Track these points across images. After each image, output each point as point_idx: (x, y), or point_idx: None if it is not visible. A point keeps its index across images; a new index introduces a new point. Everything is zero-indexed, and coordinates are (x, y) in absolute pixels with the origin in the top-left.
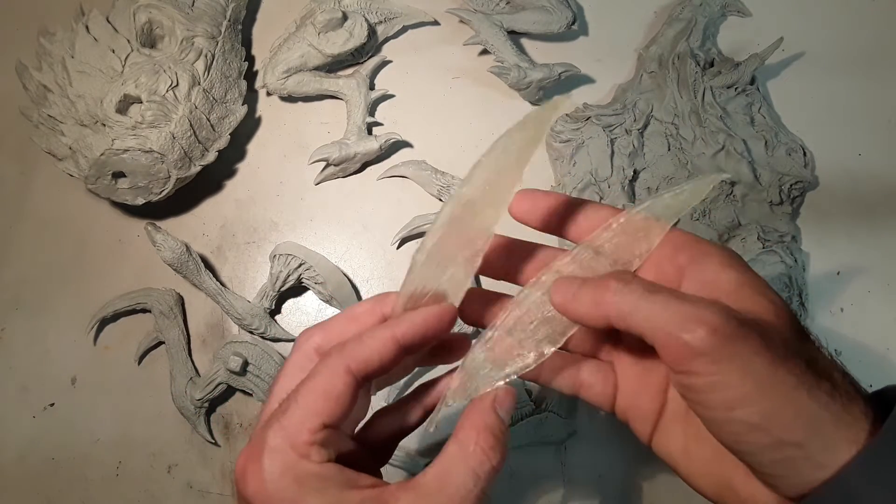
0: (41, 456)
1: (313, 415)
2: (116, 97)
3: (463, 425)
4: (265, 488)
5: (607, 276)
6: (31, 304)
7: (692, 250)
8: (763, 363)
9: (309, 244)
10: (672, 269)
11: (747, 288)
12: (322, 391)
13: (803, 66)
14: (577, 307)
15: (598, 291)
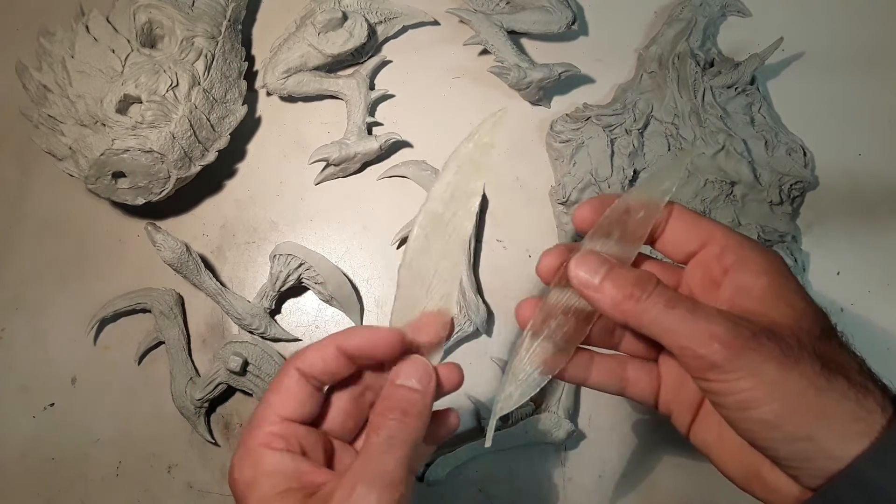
0: (41, 456)
1: (270, 408)
2: (116, 97)
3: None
4: (233, 474)
5: (632, 278)
6: (31, 304)
7: (736, 254)
8: (773, 368)
9: (309, 244)
10: (718, 269)
11: (774, 294)
12: (275, 389)
13: (803, 66)
14: (600, 299)
15: (621, 295)
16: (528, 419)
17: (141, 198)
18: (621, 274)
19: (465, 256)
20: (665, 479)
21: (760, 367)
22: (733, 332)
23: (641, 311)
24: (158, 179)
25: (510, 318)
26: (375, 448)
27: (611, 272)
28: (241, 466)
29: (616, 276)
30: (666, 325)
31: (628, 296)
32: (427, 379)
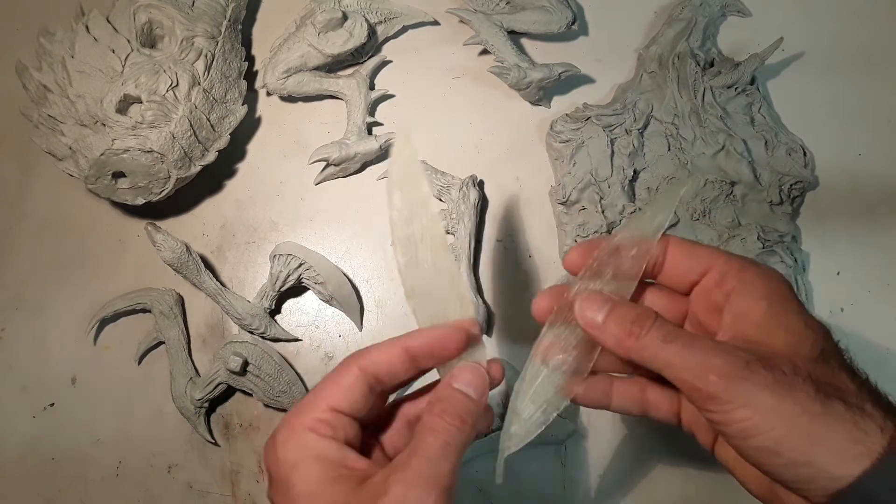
0: (41, 456)
1: (322, 398)
2: (116, 97)
3: (429, 404)
4: (276, 454)
5: (632, 315)
6: (31, 304)
7: (736, 279)
8: (769, 396)
9: (309, 244)
10: (720, 295)
11: (772, 319)
12: (332, 381)
13: (803, 66)
14: (605, 338)
15: (622, 332)
16: None
17: (141, 198)
18: (622, 312)
19: (452, 256)
20: (665, 479)
21: (756, 397)
22: (728, 363)
23: (641, 347)
24: (158, 179)
25: (510, 318)
26: (433, 451)
27: (613, 310)
28: (286, 447)
29: (617, 315)
30: (665, 359)
31: (628, 333)
32: (483, 389)
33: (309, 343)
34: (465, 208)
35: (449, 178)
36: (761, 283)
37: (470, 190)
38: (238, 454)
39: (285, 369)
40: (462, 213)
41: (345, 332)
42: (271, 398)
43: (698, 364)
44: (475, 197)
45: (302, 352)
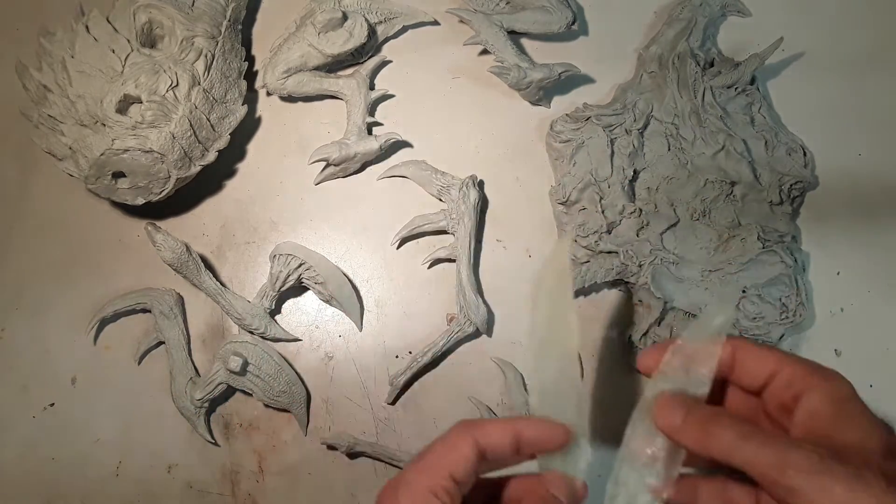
0: (41, 456)
1: (444, 465)
2: (116, 97)
3: None
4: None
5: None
6: (31, 304)
7: (804, 382)
8: (842, 489)
9: (309, 244)
10: (789, 397)
11: (843, 418)
12: (451, 447)
13: (803, 66)
14: (684, 439)
15: (700, 434)
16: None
17: (141, 198)
18: (698, 414)
19: (579, 371)
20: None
21: (831, 489)
22: (804, 458)
23: (720, 446)
24: (158, 179)
25: (510, 318)
26: None
27: (689, 414)
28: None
29: (694, 417)
30: (744, 456)
31: (707, 434)
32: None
33: (309, 343)
34: (465, 208)
35: (449, 178)
36: (828, 386)
37: (470, 190)
38: (238, 454)
39: (285, 369)
40: (462, 213)
41: (345, 332)
42: (271, 398)
43: (776, 459)
44: (475, 197)
45: (302, 352)
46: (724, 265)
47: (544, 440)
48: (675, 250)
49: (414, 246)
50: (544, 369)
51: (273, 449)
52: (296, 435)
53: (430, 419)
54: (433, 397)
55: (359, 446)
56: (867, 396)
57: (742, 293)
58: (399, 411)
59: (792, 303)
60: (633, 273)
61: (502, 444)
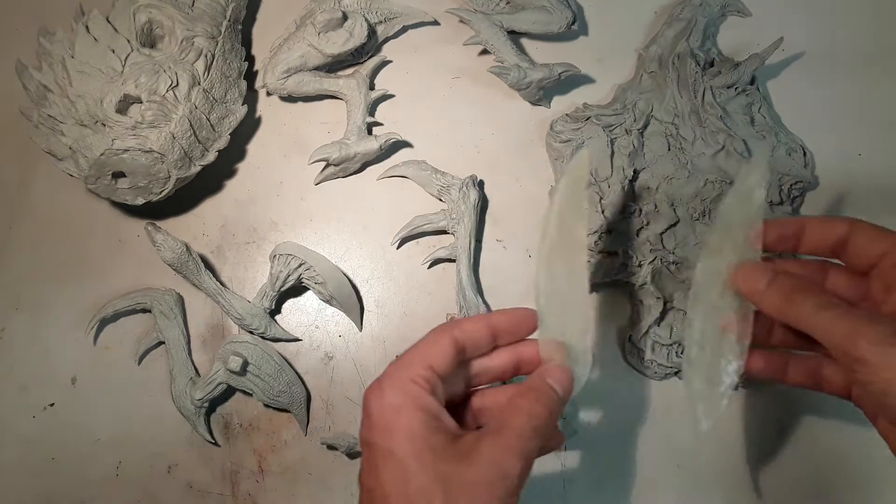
0: (41, 456)
1: (422, 357)
2: (116, 97)
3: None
4: (382, 397)
5: (792, 284)
6: (31, 304)
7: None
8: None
9: (309, 244)
10: (894, 276)
11: None
12: (429, 343)
13: (803, 66)
14: (765, 304)
15: (782, 300)
16: None
17: (141, 198)
18: (783, 280)
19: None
20: (665, 479)
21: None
22: (878, 331)
23: (798, 313)
24: (158, 179)
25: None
26: (525, 430)
27: (774, 279)
28: (393, 391)
29: (779, 283)
30: (819, 325)
31: (788, 300)
32: (569, 390)
33: (309, 343)
34: (465, 208)
35: (449, 178)
36: None
37: (470, 190)
38: (238, 454)
39: (285, 369)
40: (462, 213)
41: (345, 332)
42: (271, 398)
43: (850, 330)
44: (475, 197)
45: (302, 352)
46: None
47: (515, 326)
48: (675, 250)
49: (414, 246)
50: (553, 278)
51: (273, 449)
52: (296, 435)
53: None
54: None
55: (359, 446)
56: None
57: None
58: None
59: None
60: (633, 273)
61: (479, 336)
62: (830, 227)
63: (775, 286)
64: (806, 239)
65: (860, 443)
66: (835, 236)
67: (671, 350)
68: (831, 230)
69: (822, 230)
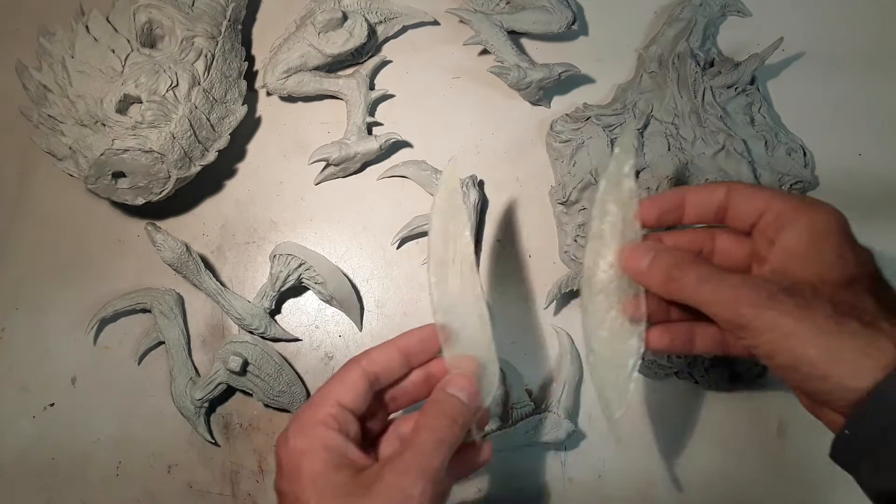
0: (41, 456)
1: (330, 395)
2: (116, 97)
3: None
4: (287, 444)
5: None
6: (31, 304)
7: (787, 217)
8: (789, 321)
9: (309, 244)
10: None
11: (810, 251)
12: (338, 379)
13: (803, 66)
14: (650, 283)
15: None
16: (527, 419)
17: (141, 198)
18: (663, 258)
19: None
20: (665, 479)
21: (778, 322)
22: (755, 295)
23: (681, 288)
24: (158, 179)
25: (510, 318)
26: (426, 446)
27: (656, 257)
28: (297, 437)
29: (660, 261)
30: (702, 297)
31: (669, 277)
32: (474, 395)
33: (309, 343)
34: (465, 208)
35: None
36: (807, 219)
37: (470, 190)
38: (238, 454)
39: (285, 369)
40: None
41: (345, 332)
42: (271, 398)
43: (730, 298)
44: (475, 197)
45: (302, 352)
46: None
47: (423, 344)
48: None
49: (414, 246)
50: (446, 292)
51: (273, 449)
52: None
53: None
54: None
55: None
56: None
57: None
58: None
59: None
60: None
61: (389, 362)
62: (709, 194)
63: (656, 264)
64: (688, 210)
65: None
66: (715, 202)
67: None
68: (710, 196)
69: (701, 198)
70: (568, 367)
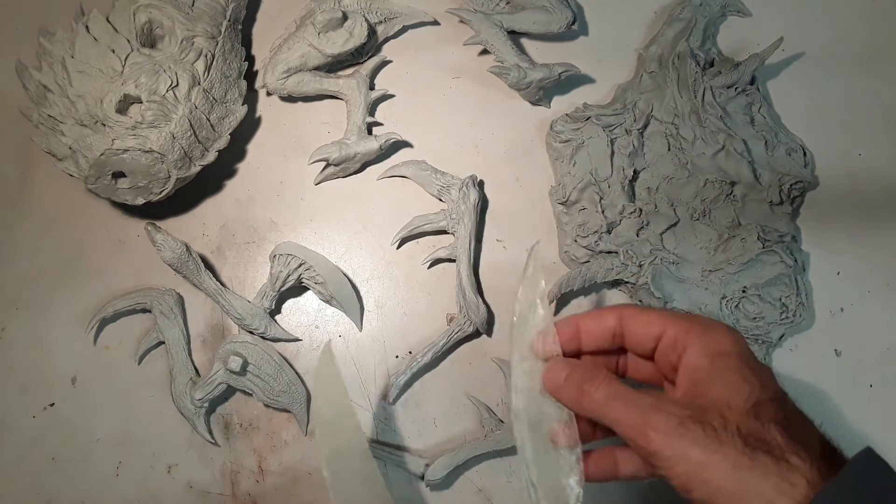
0: (41, 456)
1: None
2: (116, 97)
3: None
4: None
5: (583, 375)
6: (31, 304)
7: (685, 340)
8: (699, 452)
9: (309, 244)
10: (674, 356)
11: (713, 374)
12: None
13: (803, 66)
14: (564, 399)
15: (576, 392)
16: None
17: (141, 198)
18: (577, 373)
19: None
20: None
21: (688, 452)
22: (664, 421)
23: (592, 405)
24: (158, 179)
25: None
26: None
27: (571, 373)
28: None
29: (574, 375)
30: (612, 416)
31: (581, 392)
32: None
33: (309, 343)
34: (465, 208)
35: (449, 178)
36: (704, 340)
37: (470, 190)
38: (238, 454)
39: (285, 369)
40: (462, 213)
41: (345, 332)
42: (271, 398)
43: (639, 421)
44: (475, 197)
45: (302, 352)
46: (724, 265)
47: None
48: (675, 250)
49: (414, 246)
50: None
51: (273, 449)
52: (296, 435)
53: (430, 419)
54: (433, 397)
55: None
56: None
57: (742, 293)
58: (399, 411)
59: (792, 303)
60: (633, 273)
61: None
62: (600, 322)
63: (570, 379)
64: (583, 338)
65: None
66: (609, 330)
67: None
68: (601, 323)
69: (593, 325)
70: None
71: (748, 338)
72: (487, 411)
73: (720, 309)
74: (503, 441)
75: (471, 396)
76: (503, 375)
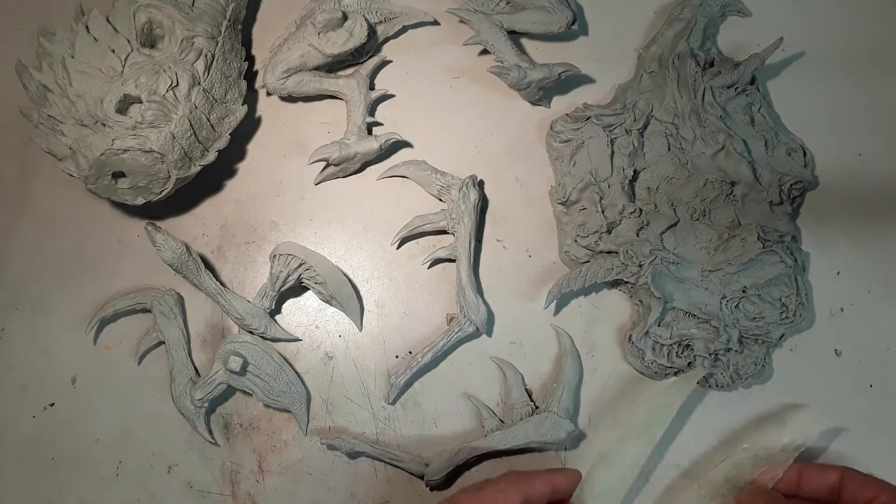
0: (41, 456)
1: None
2: (116, 97)
3: None
4: None
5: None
6: (31, 304)
7: None
8: None
9: (309, 244)
10: None
11: None
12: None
13: (803, 66)
14: None
15: None
16: (527, 419)
17: (141, 198)
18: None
19: None
20: (665, 478)
21: None
22: None
23: None
24: (158, 179)
25: (510, 318)
26: None
27: None
28: None
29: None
30: None
31: None
32: None
33: (309, 343)
34: (465, 208)
35: (449, 178)
36: None
37: (470, 190)
38: (238, 454)
39: (285, 369)
40: (462, 213)
41: (345, 332)
42: (271, 398)
43: None
44: (475, 197)
45: (302, 352)
46: (724, 265)
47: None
48: (675, 250)
49: (414, 246)
50: None
51: (273, 449)
52: (296, 435)
53: (430, 419)
54: (433, 397)
55: (359, 446)
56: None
57: (742, 293)
58: (399, 411)
59: (792, 303)
60: (633, 273)
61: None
62: (823, 475)
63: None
64: (802, 485)
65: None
66: (828, 483)
67: (671, 350)
68: (824, 477)
69: (816, 477)
70: (568, 367)
71: (748, 338)
72: (487, 411)
73: (720, 309)
74: (503, 441)
75: (471, 396)
76: (503, 375)
